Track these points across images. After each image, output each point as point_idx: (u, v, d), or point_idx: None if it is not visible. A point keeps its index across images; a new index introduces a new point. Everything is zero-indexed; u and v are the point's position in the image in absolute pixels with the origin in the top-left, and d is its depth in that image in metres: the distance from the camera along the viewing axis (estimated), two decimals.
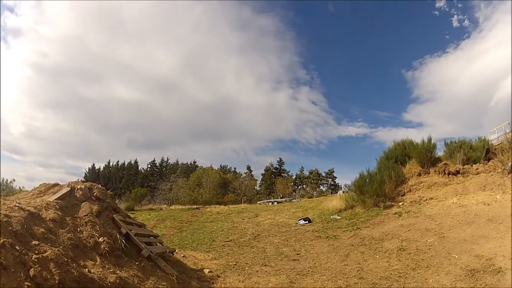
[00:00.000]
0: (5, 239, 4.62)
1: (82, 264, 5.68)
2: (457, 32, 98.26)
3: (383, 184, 14.72)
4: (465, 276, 6.41)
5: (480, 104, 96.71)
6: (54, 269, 4.87)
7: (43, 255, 4.97)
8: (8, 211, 5.52)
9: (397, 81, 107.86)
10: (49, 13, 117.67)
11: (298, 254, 10.53)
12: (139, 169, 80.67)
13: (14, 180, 19.43)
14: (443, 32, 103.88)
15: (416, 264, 7.59)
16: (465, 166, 14.12)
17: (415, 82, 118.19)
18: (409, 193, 14.39)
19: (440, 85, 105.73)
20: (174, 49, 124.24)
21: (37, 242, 5.23)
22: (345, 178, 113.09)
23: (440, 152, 15.70)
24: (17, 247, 4.72)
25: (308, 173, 70.17)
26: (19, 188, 19.36)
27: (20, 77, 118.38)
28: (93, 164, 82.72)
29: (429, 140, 15.46)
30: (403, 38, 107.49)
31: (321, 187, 64.26)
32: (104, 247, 6.52)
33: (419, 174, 14.83)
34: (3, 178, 18.46)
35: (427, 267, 7.28)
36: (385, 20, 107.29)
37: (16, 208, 5.86)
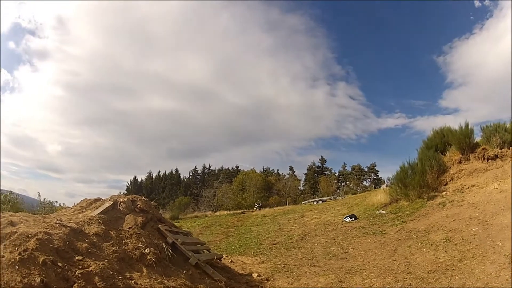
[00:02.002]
0: (46, 257, 4.72)
1: (128, 276, 5.75)
2: (480, 12, 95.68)
3: (425, 175, 14.53)
4: (509, 264, 6.44)
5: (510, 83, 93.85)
6: (99, 283, 4.98)
7: (87, 269, 5.05)
8: (48, 229, 5.60)
9: (430, 67, 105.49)
10: (74, 32, 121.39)
11: (346, 252, 10.59)
12: (181, 178, 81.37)
13: (47, 199, 19.87)
14: (467, 13, 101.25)
15: (462, 255, 7.64)
16: (503, 149, 13.76)
17: (448, 67, 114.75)
18: (451, 181, 14.14)
19: (472, 68, 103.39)
20: (206, 57, 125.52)
21: (80, 257, 5.31)
22: (388, 171, 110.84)
23: (477, 137, 15.42)
24: (59, 264, 4.83)
25: (350, 169, 69.40)
26: (59, 205, 19.86)
27: (52, 98, 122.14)
28: (135, 176, 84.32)
29: (466, 125, 15.06)
30: (430, 23, 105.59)
31: (364, 183, 63.29)
32: (150, 258, 6.56)
33: (460, 162, 14.51)
34: (44, 198, 18.91)
35: (472, 257, 7.34)
36: (410, 6, 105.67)
37: (57, 225, 5.96)
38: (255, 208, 35.93)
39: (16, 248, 4.63)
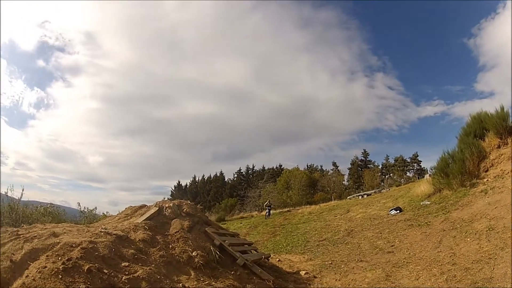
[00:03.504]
0: (91, 265, 4.80)
1: (175, 279, 5.82)
2: None
3: (466, 162, 14.34)
4: None
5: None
6: (146, 287, 5.07)
7: (133, 275, 5.11)
8: (93, 238, 5.77)
9: (462, 51, 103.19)
10: (105, 46, 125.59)
11: (392, 246, 10.63)
12: (226, 180, 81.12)
13: (88, 208, 20.07)
14: None
15: (504, 243, 7.61)
16: None
17: (479, 50, 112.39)
18: (491, 167, 13.75)
19: (500, 48, 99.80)
20: (241, 59, 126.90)
21: (127, 264, 5.40)
22: (431, 160, 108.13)
23: None
24: (105, 271, 4.89)
25: (393, 161, 68.17)
26: (103, 213, 20.25)
27: (89, 111, 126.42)
28: (179, 182, 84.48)
29: (502, 108, 14.55)
30: (457, 5, 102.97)
31: (408, 174, 61.75)
32: (198, 261, 6.67)
33: (499, 146, 14.01)
34: (85, 207, 19.32)
35: None
36: None
37: (102, 233, 6.13)
38: (265, 213, 31.11)
39: (60, 258, 4.79)
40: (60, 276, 4.41)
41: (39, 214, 14.36)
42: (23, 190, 13.15)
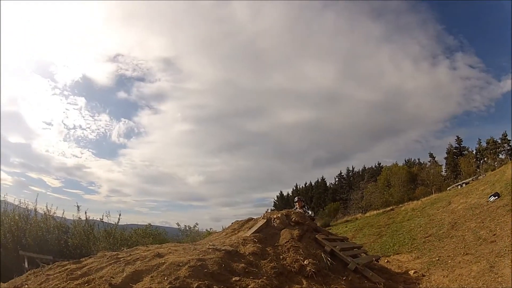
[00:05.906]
0: (200, 282, 4.68)
1: None
2: None
3: None
4: None
5: None
6: None
7: None
8: (201, 255, 5.65)
9: None
10: (186, 69, 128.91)
11: (494, 235, 10.39)
12: (328, 185, 78.13)
13: (190, 227, 20.72)
14: None
15: None
16: None
17: None
18: None
19: None
20: (324, 59, 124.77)
21: (237, 278, 5.24)
22: None
23: None
24: (215, 287, 4.77)
25: (485, 144, 64.04)
26: (206, 230, 21.07)
27: (182, 133, 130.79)
28: (281, 192, 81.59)
29: None
30: None
31: (500, 156, 57.87)
32: (310, 269, 6.42)
33: None
34: (185, 225, 20.37)
35: None
36: None
37: (210, 250, 6.03)
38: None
39: (166, 278, 4.71)
40: None
41: (139, 236, 15.51)
42: (120, 215, 14.39)
